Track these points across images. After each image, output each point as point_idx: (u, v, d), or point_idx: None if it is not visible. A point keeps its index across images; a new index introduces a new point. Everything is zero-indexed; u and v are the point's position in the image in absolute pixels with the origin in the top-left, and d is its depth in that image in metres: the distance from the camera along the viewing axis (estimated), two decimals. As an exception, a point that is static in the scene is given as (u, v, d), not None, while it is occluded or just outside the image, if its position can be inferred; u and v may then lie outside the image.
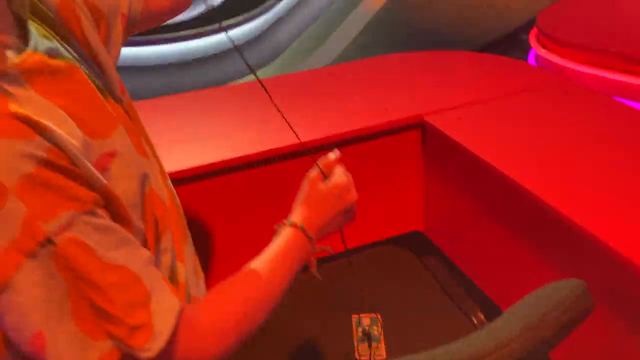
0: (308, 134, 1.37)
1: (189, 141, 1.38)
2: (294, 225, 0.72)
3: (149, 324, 0.51)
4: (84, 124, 0.52)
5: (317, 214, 0.74)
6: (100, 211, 0.51)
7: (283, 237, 0.71)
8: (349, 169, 0.84)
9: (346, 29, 4.08)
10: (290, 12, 4.30)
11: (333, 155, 0.80)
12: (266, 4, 3.98)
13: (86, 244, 0.48)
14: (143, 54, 3.59)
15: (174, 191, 0.75)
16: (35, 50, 0.54)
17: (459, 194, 1.42)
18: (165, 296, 0.54)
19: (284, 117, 0.82)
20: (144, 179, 0.62)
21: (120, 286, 0.50)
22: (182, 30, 3.64)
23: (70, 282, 0.48)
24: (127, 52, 3.56)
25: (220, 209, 1.34)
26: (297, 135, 0.84)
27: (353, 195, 0.78)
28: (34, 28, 0.56)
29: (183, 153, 1.31)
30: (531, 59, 2.58)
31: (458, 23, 4.16)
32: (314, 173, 0.78)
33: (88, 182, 0.50)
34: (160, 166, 0.74)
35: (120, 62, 0.75)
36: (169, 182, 0.74)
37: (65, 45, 0.60)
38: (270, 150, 1.31)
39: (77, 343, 0.49)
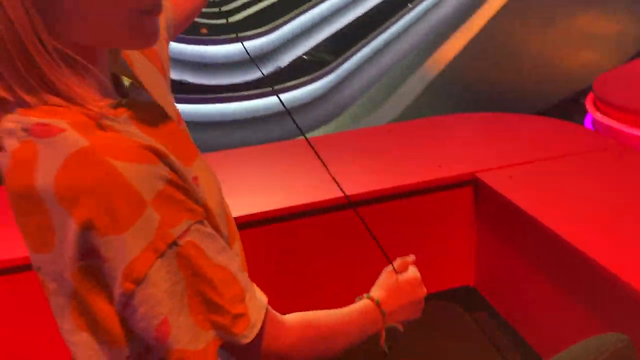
0: (363, 186, 1.47)
1: (246, 190, 1.49)
2: (372, 299, 0.83)
3: (247, 315, 0.62)
4: (176, 152, 0.63)
5: (391, 298, 0.85)
6: (206, 222, 0.62)
7: (360, 304, 0.82)
8: (404, 222, 0.94)
9: (409, 88, 4.23)
10: (354, 72, 4.52)
11: (410, 258, 0.93)
12: (332, 65, 4.21)
13: (200, 247, 0.59)
14: (208, 111, 3.88)
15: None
16: (129, 96, 0.67)
17: (510, 250, 1.47)
18: (255, 294, 0.65)
19: (329, 172, 0.94)
20: (222, 195, 0.74)
21: (225, 282, 0.61)
22: (245, 90, 3.91)
23: (188, 279, 0.58)
24: (194, 108, 3.85)
25: (274, 254, 1.45)
26: (342, 190, 0.95)
27: (423, 291, 0.89)
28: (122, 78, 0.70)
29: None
30: (588, 123, 2.62)
31: (519, 86, 4.24)
32: (390, 268, 0.90)
33: (194, 197, 0.61)
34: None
35: (186, 118, 0.86)
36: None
37: (142, 90, 0.71)
38: (317, 202, 1.41)
39: (191, 332, 0.59)
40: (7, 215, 0.61)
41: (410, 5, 5.39)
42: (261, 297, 0.66)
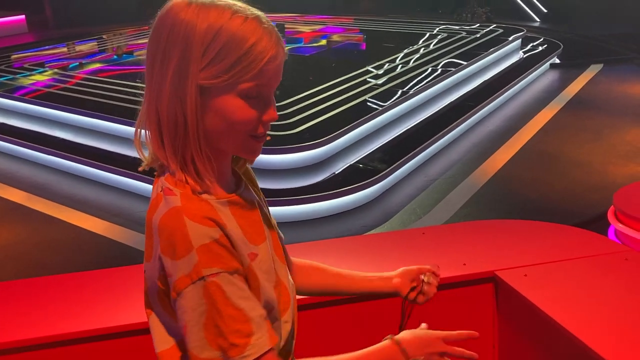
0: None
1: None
2: (393, 340, 1.03)
3: (244, 346, 0.87)
4: (247, 233, 0.95)
5: (417, 341, 1.04)
6: (238, 276, 0.89)
7: (381, 344, 1.03)
8: (427, 315, 1.14)
9: (455, 196, 4.43)
10: (401, 181, 4.78)
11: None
12: (382, 173, 4.48)
13: (223, 288, 0.87)
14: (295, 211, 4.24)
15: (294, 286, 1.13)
16: (238, 191, 1.00)
17: (530, 347, 1.63)
18: (262, 339, 0.89)
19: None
20: (275, 273, 1.01)
21: (234, 318, 0.87)
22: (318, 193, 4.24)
23: (208, 306, 0.86)
24: (284, 209, 4.20)
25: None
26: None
27: (447, 347, 1.07)
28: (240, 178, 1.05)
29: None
30: (611, 234, 2.79)
31: (566, 197, 4.38)
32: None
33: (239, 259, 0.91)
34: (289, 266, 1.14)
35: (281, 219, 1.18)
36: (290, 278, 1.11)
37: (252, 188, 1.06)
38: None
39: (200, 342, 0.87)
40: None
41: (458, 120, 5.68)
42: (266, 343, 0.89)
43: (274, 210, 1.16)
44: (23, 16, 11.89)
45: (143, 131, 0.96)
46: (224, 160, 0.98)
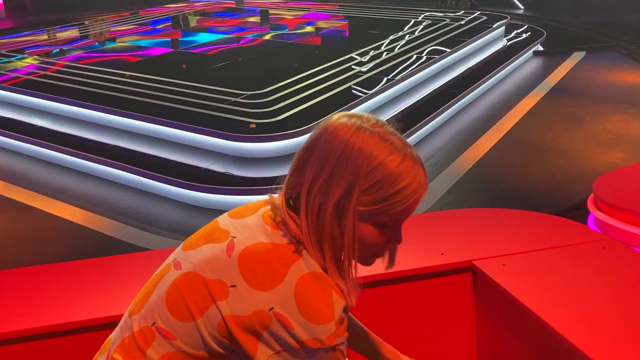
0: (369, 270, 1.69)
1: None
2: None
3: None
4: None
5: None
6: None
7: None
8: (405, 305, 1.17)
9: (437, 185, 4.44)
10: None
11: None
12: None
13: (343, 353, 0.98)
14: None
15: None
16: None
17: (508, 337, 1.63)
18: None
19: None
20: None
21: None
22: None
23: None
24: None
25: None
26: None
27: None
28: None
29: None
30: (591, 223, 2.81)
31: (546, 185, 4.40)
32: None
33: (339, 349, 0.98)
34: None
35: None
36: None
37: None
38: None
39: None
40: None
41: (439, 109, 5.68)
42: None
43: (254, 199, 1.17)
44: (1, 1, 11.66)
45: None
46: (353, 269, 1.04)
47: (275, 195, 1.05)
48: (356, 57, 6.60)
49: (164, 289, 1.01)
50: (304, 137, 4.08)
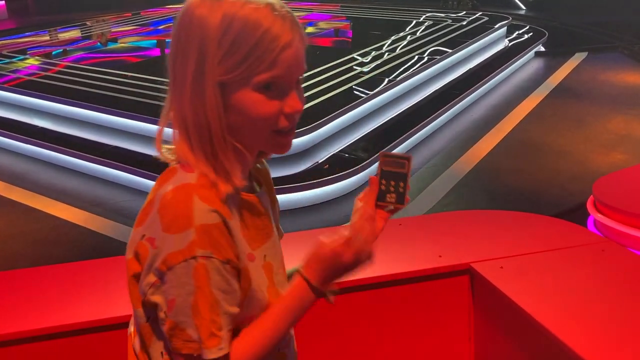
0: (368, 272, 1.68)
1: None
2: (302, 277, 0.94)
3: (220, 338, 0.87)
4: (247, 234, 0.94)
5: (320, 271, 0.94)
6: (229, 267, 0.87)
7: (294, 290, 0.95)
8: (403, 308, 1.09)
9: (438, 186, 4.43)
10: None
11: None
12: (365, 162, 4.46)
13: (209, 273, 0.85)
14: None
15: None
16: (256, 193, 0.98)
17: (506, 340, 1.62)
18: (227, 336, 0.89)
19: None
20: (268, 277, 0.98)
21: (211, 305, 0.86)
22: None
23: (195, 284, 0.85)
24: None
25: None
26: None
27: (349, 256, 0.93)
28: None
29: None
30: (590, 224, 2.79)
31: (548, 185, 4.39)
32: (320, 240, 0.96)
33: (235, 253, 0.88)
34: (283, 269, 1.07)
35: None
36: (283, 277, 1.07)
37: (260, 189, 1.03)
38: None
39: (186, 314, 0.85)
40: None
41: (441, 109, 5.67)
42: (226, 346, 0.89)
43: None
44: (3, 2, 11.68)
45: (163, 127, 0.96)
46: (249, 158, 0.96)
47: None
48: (358, 57, 6.60)
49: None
50: (304, 137, 4.05)
